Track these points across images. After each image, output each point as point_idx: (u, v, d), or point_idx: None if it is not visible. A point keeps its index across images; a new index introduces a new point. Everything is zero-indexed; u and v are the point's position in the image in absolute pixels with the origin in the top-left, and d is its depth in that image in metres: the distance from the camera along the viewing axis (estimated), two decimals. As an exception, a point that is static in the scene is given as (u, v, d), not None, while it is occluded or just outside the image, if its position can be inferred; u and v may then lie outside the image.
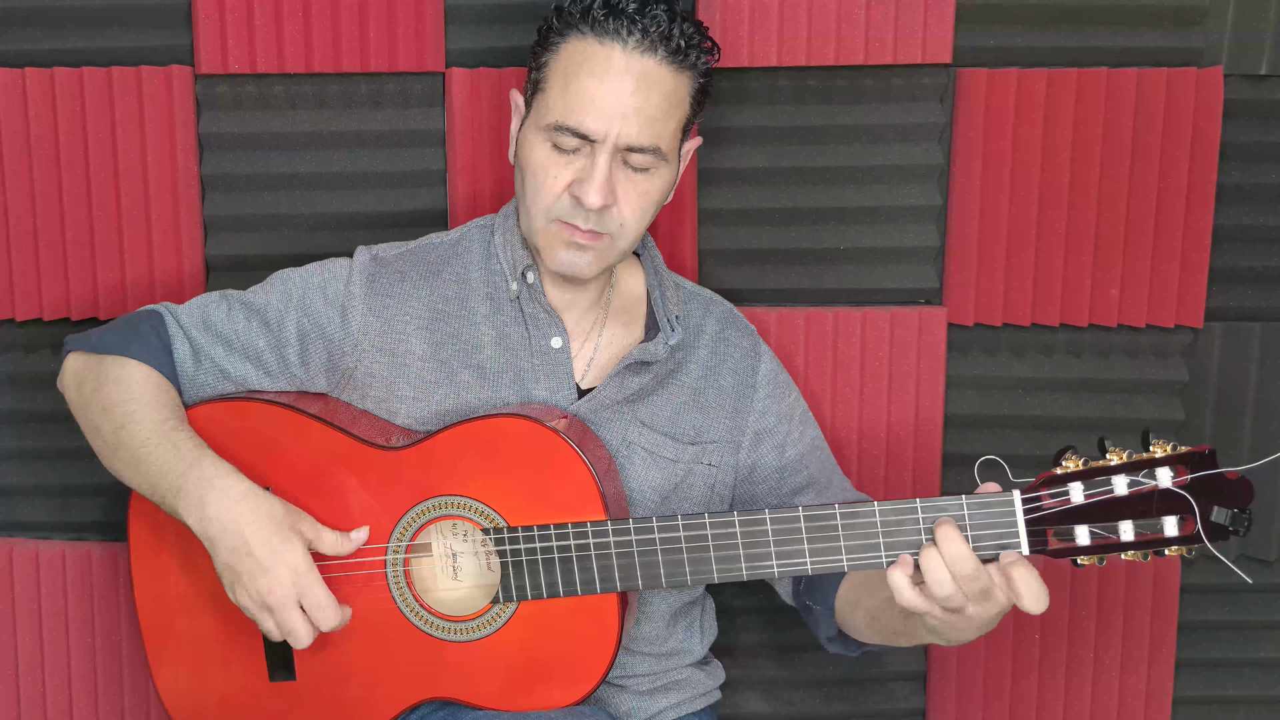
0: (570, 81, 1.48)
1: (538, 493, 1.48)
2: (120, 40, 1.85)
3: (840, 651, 1.66)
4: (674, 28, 1.48)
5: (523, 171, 1.54)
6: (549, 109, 1.50)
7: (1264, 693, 2.01)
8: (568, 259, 1.54)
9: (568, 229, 1.52)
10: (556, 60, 1.51)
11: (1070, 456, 1.34)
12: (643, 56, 1.48)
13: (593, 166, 1.49)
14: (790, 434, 1.71)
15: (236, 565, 1.46)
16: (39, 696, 1.98)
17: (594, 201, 1.48)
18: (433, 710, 1.57)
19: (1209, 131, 1.84)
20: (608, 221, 1.52)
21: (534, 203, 1.53)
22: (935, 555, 1.33)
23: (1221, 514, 1.32)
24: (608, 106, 1.47)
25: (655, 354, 1.60)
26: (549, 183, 1.51)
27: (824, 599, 1.61)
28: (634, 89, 1.47)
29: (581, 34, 1.49)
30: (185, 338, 1.61)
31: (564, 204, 1.51)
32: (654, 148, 1.50)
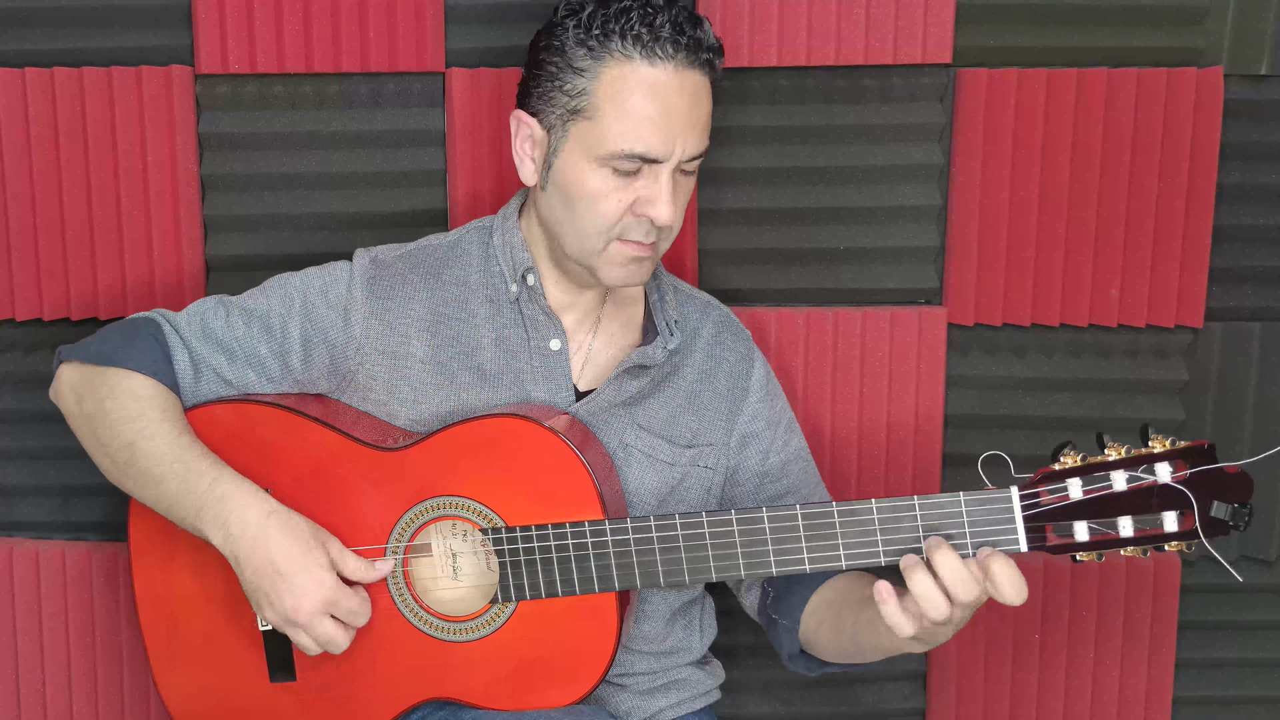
0: (626, 108, 1.47)
1: (536, 493, 1.48)
2: (120, 40, 1.85)
3: (800, 670, 1.65)
4: (704, 36, 1.49)
5: (570, 199, 1.52)
6: (606, 138, 1.48)
7: (1264, 693, 2.01)
8: (630, 272, 1.55)
9: (632, 246, 1.53)
10: (600, 87, 1.48)
11: (1069, 452, 1.34)
12: (690, 71, 1.48)
13: (658, 185, 1.49)
14: (775, 441, 1.71)
15: (264, 585, 1.46)
16: (39, 696, 1.98)
17: (668, 219, 1.49)
18: (433, 710, 1.57)
19: (1209, 131, 1.84)
20: (665, 229, 1.53)
21: (591, 227, 1.52)
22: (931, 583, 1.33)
23: (1221, 509, 1.32)
24: (671, 128, 1.47)
25: (654, 358, 1.60)
26: (610, 207, 1.50)
27: (791, 612, 1.61)
28: (690, 105, 1.48)
29: (627, 57, 1.46)
30: (185, 347, 1.60)
31: (627, 223, 1.51)
32: (703, 152, 1.53)
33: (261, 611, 1.49)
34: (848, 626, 1.50)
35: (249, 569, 1.47)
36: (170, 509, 1.52)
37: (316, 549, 1.47)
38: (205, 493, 1.48)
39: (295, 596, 1.45)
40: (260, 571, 1.46)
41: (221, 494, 1.48)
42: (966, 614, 1.35)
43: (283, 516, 1.48)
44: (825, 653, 1.58)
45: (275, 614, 1.48)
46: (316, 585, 1.46)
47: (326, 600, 1.46)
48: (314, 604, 1.46)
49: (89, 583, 1.97)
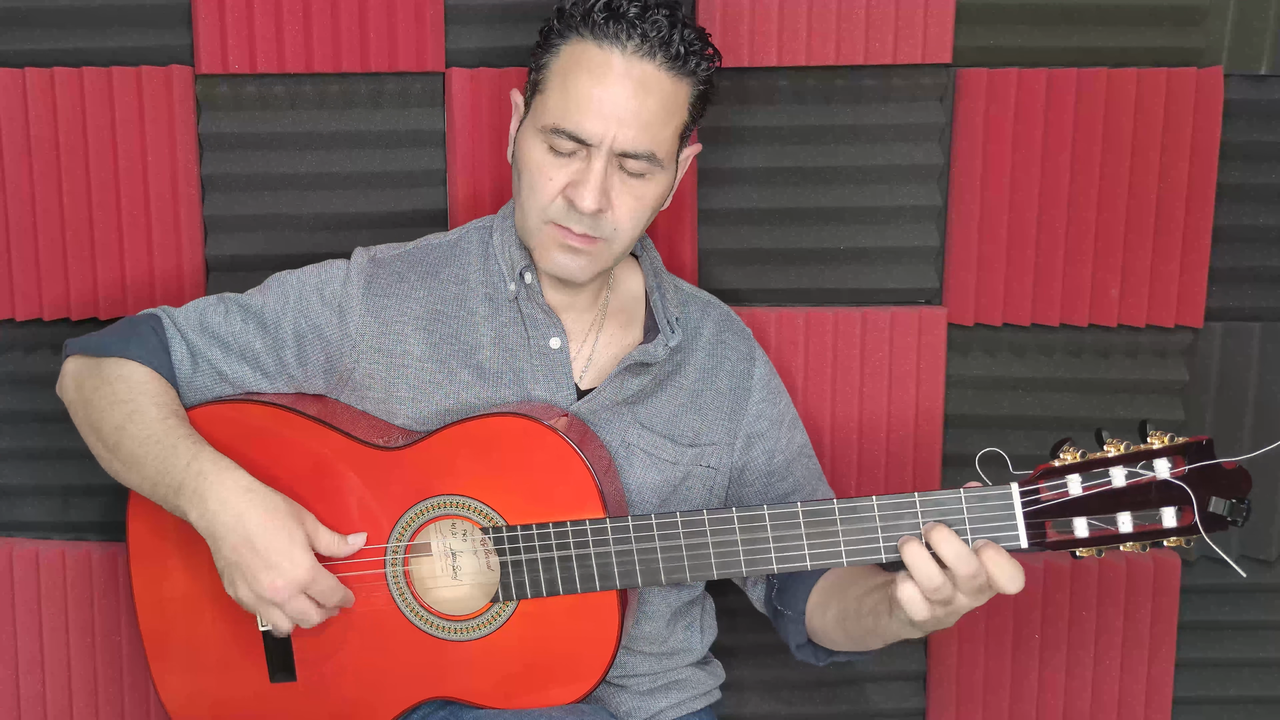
0: (568, 84, 1.48)
1: (537, 492, 1.48)
2: (120, 40, 1.85)
3: (808, 660, 1.65)
4: (674, 34, 1.47)
5: (519, 171, 1.54)
6: (547, 111, 1.50)
7: (1264, 693, 2.01)
8: (561, 261, 1.54)
9: (561, 231, 1.52)
10: (556, 62, 1.50)
11: (1068, 449, 1.34)
12: (641, 61, 1.47)
13: (588, 170, 1.48)
14: (780, 439, 1.71)
15: (239, 560, 1.46)
16: (39, 696, 1.98)
17: (588, 205, 1.48)
18: (433, 710, 1.57)
19: (1209, 131, 1.84)
20: (602, 226, 1.51)
21: (529, 203, 1.53)
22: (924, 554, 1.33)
23: (1220, 504, 1.32)
24: (604, 111, 1.46)
25: (655, 355, 1.60)
26: (544, 184, 1.50)
27: (795, 604, 1.61)
28: (631, 94, 1.47)
29: (581, 37, 1.48)
30: (182, 339, 1.60)
31: (559, 206, 1.51)
32: (649, 154, 1.49)
33: (235, 588, 1.48)
34: (852, 613, 1.50)
35: (226, 546, 1.46)
36: (154, 489, 1.52)
37: (295, 527, 1.47)
38: (184, 469, 1.48)
39: (271, 574, 1.45)
40: (237, 549, 1.46)
41: (200, 470, 1.48)
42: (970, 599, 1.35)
43: (261, 494, 1.47)
44: (831, 641, 1.58)
45: (250, 591, 1.47)
46: (293, 564, 1.45)
47: (302, 580, 1.46)
48: (290, 582, 1.45)
49: (89, 583, 1.97)
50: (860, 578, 1.54)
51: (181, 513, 1.49)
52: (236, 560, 1.46)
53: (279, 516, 1.47)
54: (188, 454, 1.49)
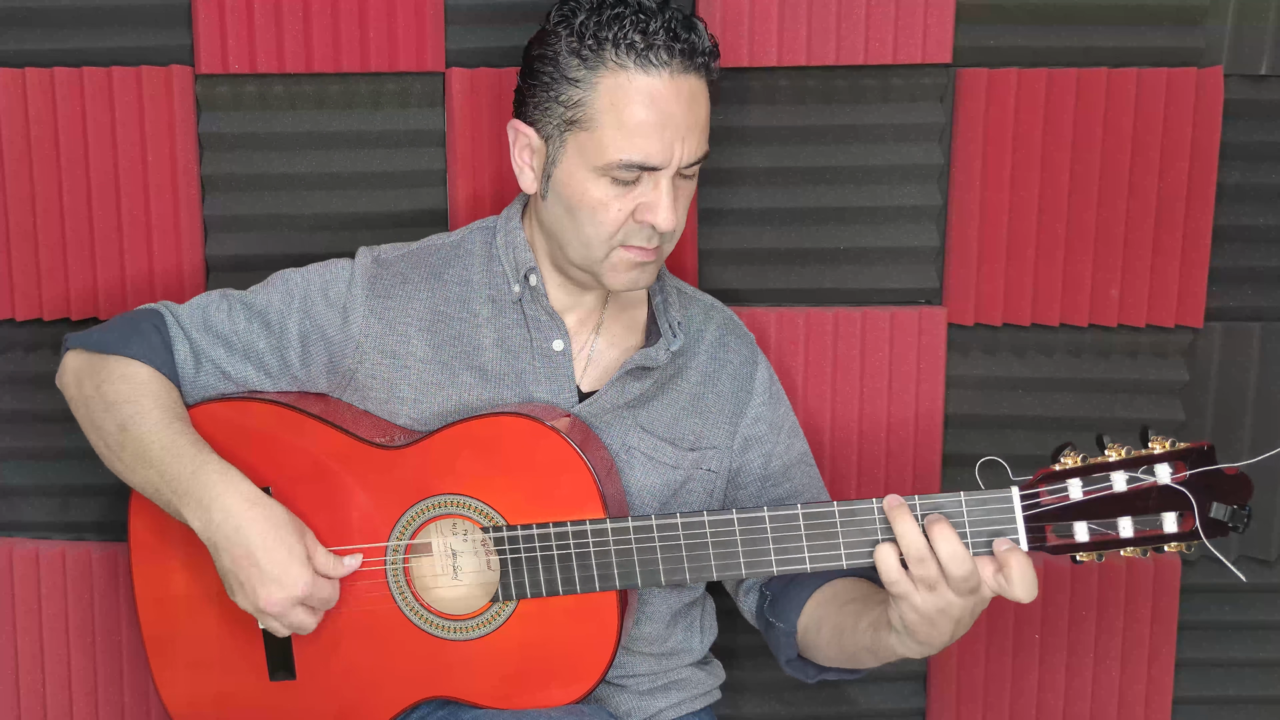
0: (624, 118, 1.46)
1: (537, 492, 1.48)
2: (120, 40, 1.85)
3: (798, 675, 1.64)
4: (699, 40, 1.48)
5: (572, 208, 1.51)
6: (605, 148, 1.47)
7: (1264, 693, 2.01)
8: (634, 277, 1.55)
9: (635, 251, 1.52)
10: (597, 98, 1.47)
11: (1069, 453, 1.34)
12: (686, 76, 1.47)
13: (658, 192, 1.49)
14: (778, 445, 1.71)
15: (239, 573, 1.47)
16: (39, 696, 1.98)
17: (669, 225, 1.49)
18: (433, 709, 1.57)
19: (1209, 131, 1.84)
20: (667, 234, 1.53)
21: (594, 236, 1.51)
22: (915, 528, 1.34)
23: (1220, 510, 1.32)
24: (668, 135, 1.46)
25: (657, 359, 1.60)
26: (613, 216, 1.50)
27: (788, 617, 1.60)
28: (687, 110, 1.48)
29: (621, 66, 1.46)
30: (186, 338, 1.61)
31: (629, 230, 1.51)
32: (701, 156, 1.52)
33: (234, 596, 1.49)
34: (848, 628, 1.50)
35: (227, 557, 1.47)
36: (156, 493, 1.52)
37: (295, 542, 1.48)
38: (189, 478, 1.48)
39: (269, 589, 1.46)
40: (238, 561, 1.46)
41: (205, 480, 1.48)
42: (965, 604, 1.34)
43: (264, 507, 1.48)
44: (822, 657, 1.57)
45: (248, 602, 1.48)
46: (293, 580, 1.46)
47: (299, 595, 1.47)
48: (287, 597, 1.46)
49: (89, 583, 1.97)
50: (859, 592, 1.54)
51: (183, 519, 1.49)
52: (235, 571, 1.47)
53: (280, 530, 1.47)
54: (193, 461, 1.49)
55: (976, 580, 1.33)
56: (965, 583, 1.32)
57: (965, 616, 1.36)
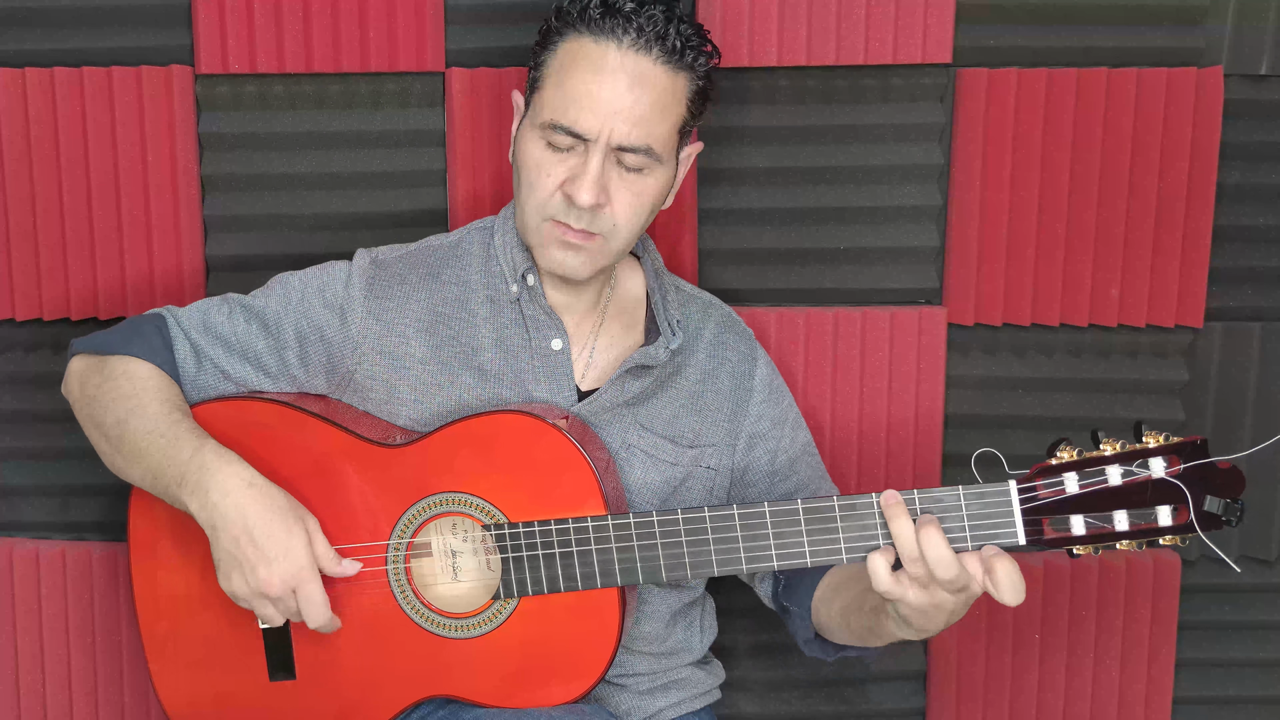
0: (565, 80, 1.49)
1: (538, 489, 1.48)
2: (120, 40, 1.85)
3: (818, 654, 1.65)
4: (670, 28, 1.48)
5: (518, 170, 1.55)
6: (544, 106, 1.50)
7: (1264, 693, 2.01)
8: (560, 258, 1.54)
9: (560, 228, 1.52)
10: (553, 59, 1.51)
11: (1065, 448, 1.35)
12: (637, 55, 1.47)
13: (585, 165, 1.48)
14: (783, 439, 1.71)
15: (237, 553, 1.46)
16: (39, 696, 1.98)
17: (585, 200, 1.48)
18: (434, 708, 1.57)
19: (1209, 131, 1.84)
20: (600, 221, 1.51)
21: (528, 200, 1.53)
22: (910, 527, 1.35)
23: (1214, 503, 1.33)
24: (600, 105, 1.47)
25: (656, 358, 1.60)
26: (542, 180, 1.51)
27: (800, 600, 1.61)
28: (627, 88, 1.47)
29: (578, 33, 1.49)
30: (186, 339, 1.61)
31: (557, 202, 1.51)
32: (646, 147, 1.50)
33: (229, 580, 1.48)
34: (854, 610, 1.50)
35: (225, 538, 1.46)
36: (155, 482, 1.52)
37: (295, 524, 1.47)
38: (187, 462, 1.48)
39: (270, 569, 1.45)
40: (237, 540, 1.46)
41: (203, 463, 1.48)
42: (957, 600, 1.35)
43: (263, 488, 1.48)
44: (836, 636, 1.58)
45: (245, 584, 1.47)
46: (290, 560, 1.45)
47: (299, 575, 1.46)
48: (287, 577, 1.45)
49: (89, 583, 1.97)
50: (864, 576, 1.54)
51: (182, 505, 1.49)
52: (234, 552, 1.46)
53: (280, 512, 1.47)
54: (191, 446, 1.49)
55: (965, 581, 1.33)
56: (953, 584, 1.33)
57: (959, 608, 1.37)
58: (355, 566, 1.52)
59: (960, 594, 1.34)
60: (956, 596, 1.35)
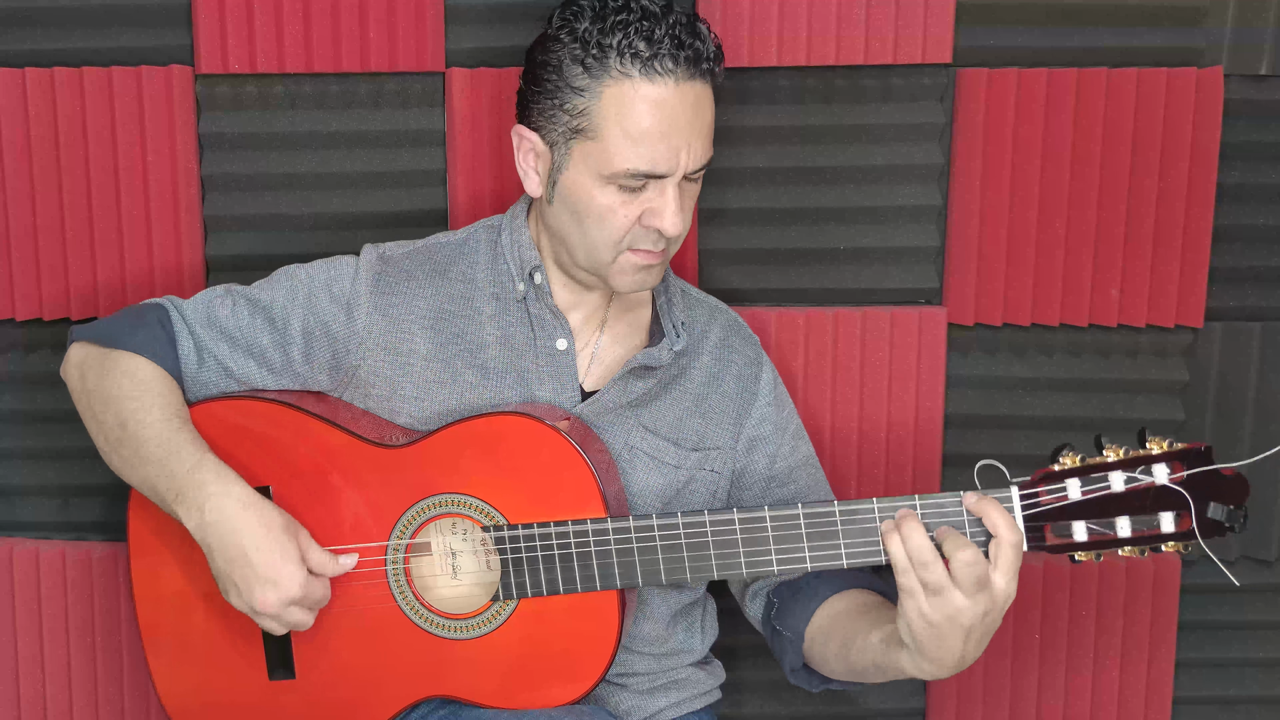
0: (630, 127, 1.46)
1: (538, 491, 1.48)
2: (120, 40, 1.85)
3: (802, 684, 1.63)
4: (704, 46, 1.48)
5: (578, 214, 1.52)
6: (611, 158, 1.47)
7: (1264, 693, 2.01)
8: (641, 279, 1.56)
9: (642, 255, 1.53)
10: (602, 107, 1.46)
11: (1067, 453, 1.35)
12: (692, 83, 1.47)
13: (665, 198, 1.49)
14: (783, 447, 1.71)
15: (233, 574, 1.47)
16: (39, 696, 1.98)
17: (676, 231, 1.50)
18: (433, 709, 1.57)
19: (1209, 131, 1.84)
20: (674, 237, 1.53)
21: (601, 241, 1.52)
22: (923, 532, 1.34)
23: (1218, 510, 1.33)
24: (675, 143, 1.47)
25: (659, 359, 1.60)
26: (620, 222, 1.50)
27: (794, 626, 1.60)
28: (693, 117, 1.48)
29: (626, 75, 1.45)
30: (189, 334, 1.61)
31: (635, 234, 1.51)
32: (709, 161, 1.52)
33: (228, 596, 1.49)
34: (857, 643, 1.48)
35: (221, 558, 1.47)
36: (153, 490, 1.52)
37: (288, 542, 1.47)
38: (185, 476, 1.49)
39: (264, 589, 1.45)
40: (233, 561, 1.46)
41: (201, 480, 1.48)
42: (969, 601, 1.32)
43: (259, 508, 1.48)
44: (830, 668, 1.56)
45: (243, 603, 1.48)
46: (286, 580, 1.46)
47: (294, 596, 1.46)
48: (281, 597, 1.46)
49: (89, 583, 1.97)
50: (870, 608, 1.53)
51: (178, 518, 1.50)
52: (229, 571, 1.47)
53: (274, 531, 1.47)
54: (190, 461, 1.49)
55: (982, 569, 1.31)
56: (971, 569, 1.30)
57: (976, 625, 1.33)
58: (351, 559, 1.52)
59: (978, 595, 1.31)
60: (974, 601, 1.31)
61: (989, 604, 1.32)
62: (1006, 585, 1.33)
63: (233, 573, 1.47)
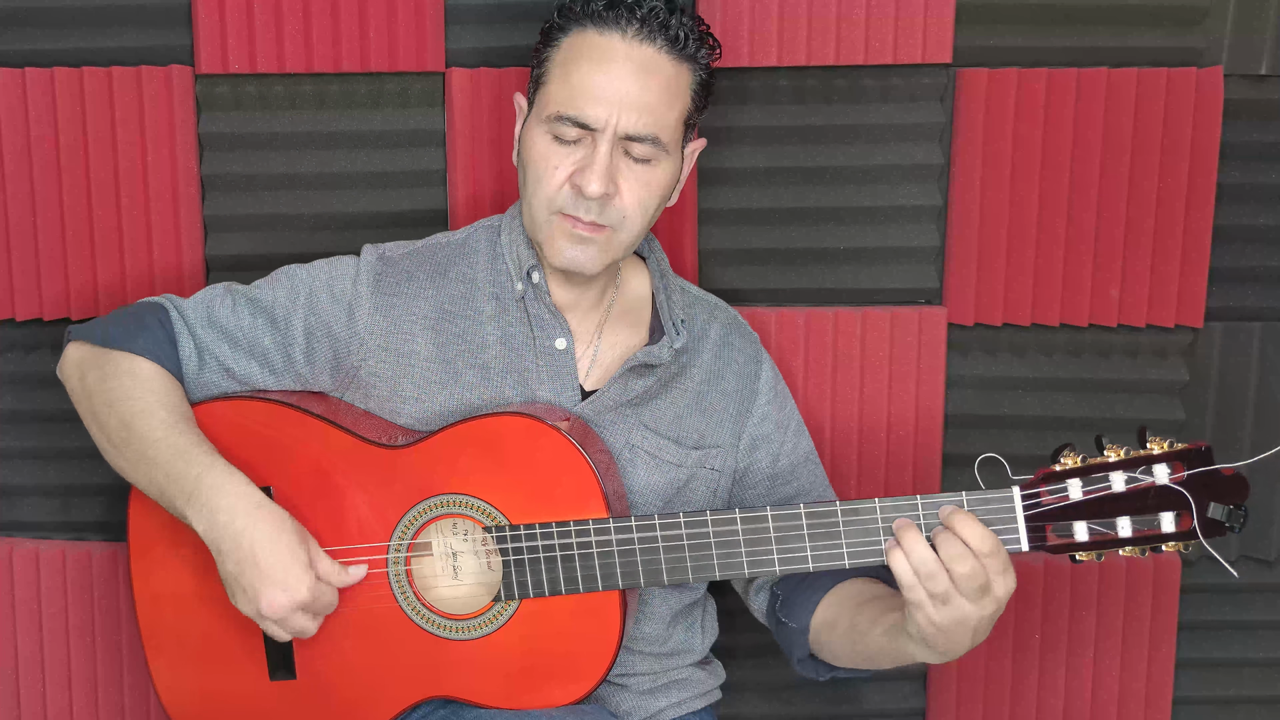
0: (570, 72, 1.50)
1: (540, 491, 1.48)
2: (120, 40, 1.85)
3: (809, 674, 1.65)
4: (673, 18, 1.50)
5: (525, 166, 1.55)
6: (550, 100, 1.51)
7: (1264, 693, 2.02)
8: (571, 253, 1.54)
9: (570, 221, 1.52)
10: (557, 53, 1.53)
11: (1068, 453, 1.35)
12: (642, 45, 1.49)
13: (594, 155, 1.49)
14: (785, 444, 1.71)
15: (242, 577, 1.46)
16: (39, 696, 1.98)
17: (594, 189, 1.48)
18: (434, 709, 1.57)
19: (1209, 131, 1.84)
20: (610, 213, 1.52)
21: (535, 196, 1.53)
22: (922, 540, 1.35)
23: (1218, 510, 1.33)
24: (607, 94, 1.48)
25: (659, 357, 1.60)
26: (550, 174, 1.51)
27: (799, 618, 1.61)
28: (634, 76, 1.49)
29: (582, 26, 1.51)
30: (190, 334, 1.60)
31: (565, 195, 1.51)
32: (653, 136, 1.50)
33: (235, 600, 1.49)
34: (864, 631, 1.49)
35: (230, 561, 1.47)
36: (160, 493, 1.52)
37: (297, 547, 1.47)
38: (196, 480, 1.48)
39: (272, 593, 1.45)
40: (242, 565, 1.46)
41: (212, 483, 1.48)
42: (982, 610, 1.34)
43: (269, 511, 1.48)
44: (836, 656, 1.58)
45: (250, 606, 1.47)
46: (295, 584, 1.46)
47: (302, 600, 1.46)
48: (290, 602, 1.46)
49: (89, 583, 1.97)
50: (875, 596, 1.54)
51: (186, 520, 1.49)
52: (239, 574, 1.47)
53: (284, 535, 1.47)
54: (199, 464, 1.49)
55: (983, 578, 1.33)
56: (972, 580, 1.32)
57: (983, 624, 1.36)
58: (361, 570, 1.52)
59: (982, 599, 1.33)
60: (979, 605, 1.34)
61: (995, 606, 1.36)
62: (1004, 585, 1.36)
63: (242, 576, 1.46)
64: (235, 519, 1.46)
